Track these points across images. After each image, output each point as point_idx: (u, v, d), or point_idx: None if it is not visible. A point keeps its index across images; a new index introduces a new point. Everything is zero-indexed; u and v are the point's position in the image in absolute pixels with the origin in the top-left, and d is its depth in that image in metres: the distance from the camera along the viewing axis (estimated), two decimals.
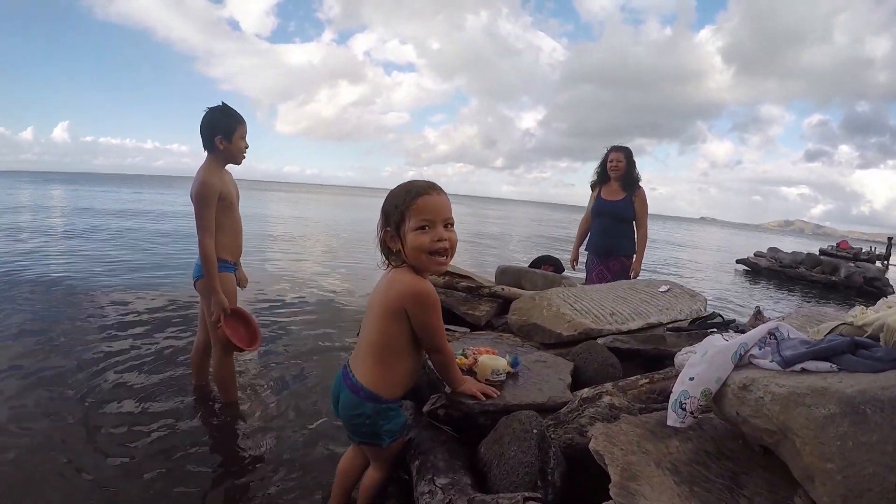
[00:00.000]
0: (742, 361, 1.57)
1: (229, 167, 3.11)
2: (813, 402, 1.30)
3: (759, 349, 1.58)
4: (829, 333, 1.98)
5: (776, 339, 1.62)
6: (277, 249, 11.35)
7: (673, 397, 1.64)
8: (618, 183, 4.76)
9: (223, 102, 3.01)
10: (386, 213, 1.80)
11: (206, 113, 2.96)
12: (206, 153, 3.01)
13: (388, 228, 1.80)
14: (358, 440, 1.96)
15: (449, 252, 1.78)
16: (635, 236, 4.83)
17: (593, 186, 4.97)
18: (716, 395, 1.56)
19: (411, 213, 1.73)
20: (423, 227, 1.73)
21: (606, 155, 4.81)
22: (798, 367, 1.45)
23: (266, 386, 3.68)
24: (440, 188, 1.79)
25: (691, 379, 1.59)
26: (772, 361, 1.50)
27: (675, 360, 2.06)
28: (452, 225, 1.81)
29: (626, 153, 4.73)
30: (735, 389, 1.50)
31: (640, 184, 4.77)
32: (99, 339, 4.48)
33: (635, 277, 4.80)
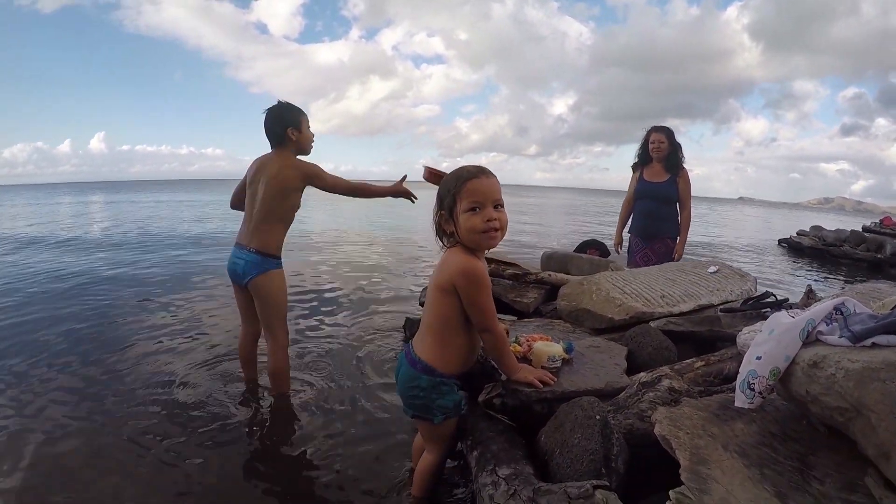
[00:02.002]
0: (809, 338, 1.53)
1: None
2: (888, 376, 1.27)
3: (827, 325, 1.54)
4: (895, 308, 1.92)
5: (843, 314, 1.58)
6: (321, 244, 11.42)
7: (740, 378, 1.61)
8: (661, 164, 4.67)
9: (279, 100, 3.07)
10: (440, 197, 1.90)
11: (269, 111, 3.03)
12: (273, 151, 3.09)
13: (443, 212, 1.89)
14: (412, 413, 2.02)
15: (500, 230, 1.86)
16: (678, 218, 4.74)
17: (634, 168, 4.88)
18: (783, 375, 1.53)
19: (462, 196, 1.82)
20: (473, 209, 1.81)
21: (647, 136, 4.71)
22: (869, 341, 1.42)
23: (319, 376, 3.69)
24: (490, 172, 1.87)
25: (758, 358, 1.56)
26: (841, 337, 1.47)
27: (738, 339, 2.02)
28: (502, 206, 1.88)
29: (668, 133, 4.63)
30: (805, 367, 1.46)
31: (684, 165, 4.67)
32: (146, 334, 4.61)
33: (678, 260, 4.72)
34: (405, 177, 3.26)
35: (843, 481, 1.38)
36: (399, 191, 3.23)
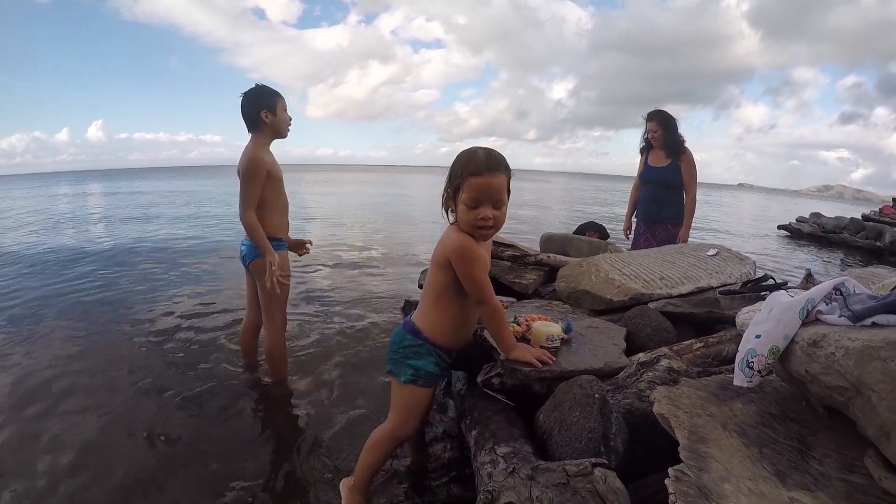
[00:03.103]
0: (809, 318, 1.52)
1: (285, 149, 3.14)
2: (889, 355, 1.26)
3: (826, 305, 1.53)
4: (894, 289, 1.91)
5: (842, 294, 1.56)
6: (320, 229, 11.43)
7: (739, 356, 1.61)
8: (662, 150, 4.65)
9: (256, 83, 3.03)
10: (450, 175, 1.93)
11: (245, 94, 2.99)
12: (249, 135, 3.02)
13: (449, 190, 1.93)
14: (388, 370, 2.10)
15: (494, 227, 1.91)
16: (682, 202, 4.71)
17: (642, 152, 4.86)
18: (782, 354, 1.52)
19: (464, 188, 1.86)
20: (471, 205, 1.85)
21: (645, 125, 4.69)
22: (868, 321, 1.40)
23: (316, 363, 3.71)
24: (497, 167, 1.86)
25: (758, 337, 1.56)
26: (840, 317, 1.46)
27: (737, 319, 2.02)
28: (504, 203, 1.91)
29: (661, 119, 4.57)
30: (804, 346, 1.46)
31: (686, 146, 4.62)
32: (148, 319, 4.68)
33: (682, 242, 4.70)
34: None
35: (843, 461, 1.38)
36: (267, 254, 2.93)
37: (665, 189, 4.65)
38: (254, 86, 3.01)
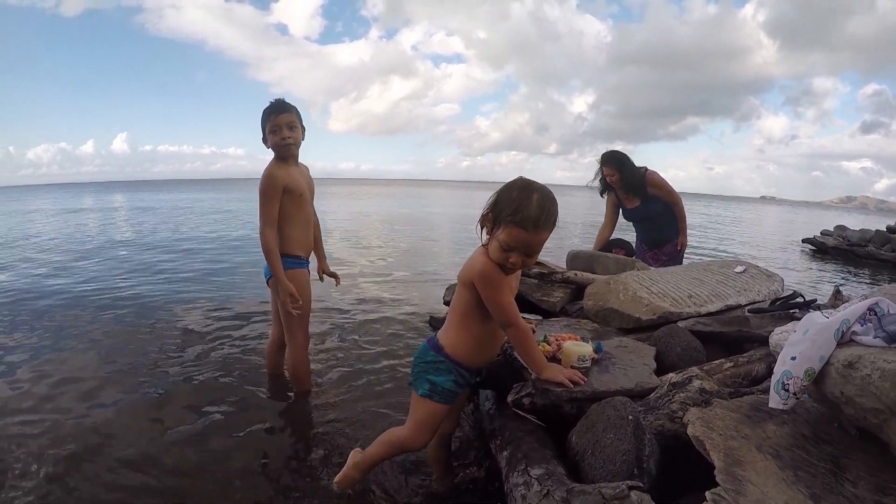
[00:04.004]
0: (844, 339, 1.52)
1: (308, 162, 3.20)
2: None
3: (861, 326, 1.54)
4: None
5: (877, 314, 1.56)
6: (345, 241, 11.48)
7: (774, 378, 1.61)
8: (623, 192, 4.70)
9: (276, 98, 3.05)
10: (495, 202, 1.90)
11: None
12: None
13: (491, 214, 1.91)
14: (409, 382, 2.16)
15: (520, 269, 1.98)
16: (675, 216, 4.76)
17: (603, 194, 4.89)
18: (817, 376, 1.52)
19: (505, 230, 1.84)
20: (504, 248, 1.85)
21: (599, 167, 4.71)
22: None
23: (340, 376, 3.72)
24: (546, 226, 1.84)
25: (793, 358, 1.56)
26: (875, 338, 1.47)
27: (771, 339, 2.01)
28: (537, 253, 1.93)
29: (616, 162, 4.57)
30: (839, 367, 1.46)
31: (646, 169, 4.63)
32: (176, 333, 4.71)
33: (682, 249, 4.81)
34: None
35: (876, 484, 1.39)
36: (280, 282, 2.94)
37: (651, 221, 4.76)
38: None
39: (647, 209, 4.66)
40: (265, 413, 3.14)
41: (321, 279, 3.46)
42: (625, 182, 4.59)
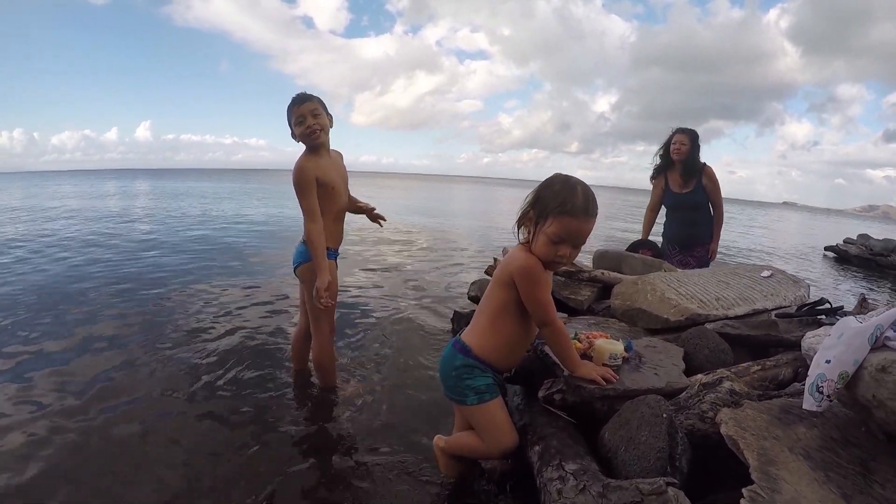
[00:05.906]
0: (877, 344, 1.55)
1: (342, 151, 3.19)
2: None
3: (894, 331, 1.56)
4: None
5: None
6: (365, 233, 11.49)
7: (809, 381, 1.64)
8: (679, 172, 4.67)
9: (301, 92, 3.03)
10: (538, 199, 1.94)
11: None
12: None
13: (532, 212, 1.95)
14: (448, 396, 2.15)
15: (566, 264, 2.00)
16: (712, 220, 4.77)
17: (655, 174, 4.88)
18: (849, 379, 1.55)
19: (554, 222, 1.87)
20: (555, 241, 1.88)
21: (671, 137, 4.68)
22: None
23: (366, 370, 3.74)
24: (594, 212, 1.91)
25: (828, 362, 1.59)
26: None
27: (803, 343, 2.04)
28: (583, 244, 1.96)
29: (692, 136, 4.57)
30: (872, 372, 1.49)
31: (706, 163, 4.63)
32: (200, 324, 4.74)
33: (712, 257, 4.82)
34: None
35: None
36: (320, 274, 2.91)
37: (695, 212, 4.72)
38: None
39: (695, 197, 4.66)
40: (286, 409, 3.15)
41: (376, 222, 3.51)
42: (690, 158, 4.58)
